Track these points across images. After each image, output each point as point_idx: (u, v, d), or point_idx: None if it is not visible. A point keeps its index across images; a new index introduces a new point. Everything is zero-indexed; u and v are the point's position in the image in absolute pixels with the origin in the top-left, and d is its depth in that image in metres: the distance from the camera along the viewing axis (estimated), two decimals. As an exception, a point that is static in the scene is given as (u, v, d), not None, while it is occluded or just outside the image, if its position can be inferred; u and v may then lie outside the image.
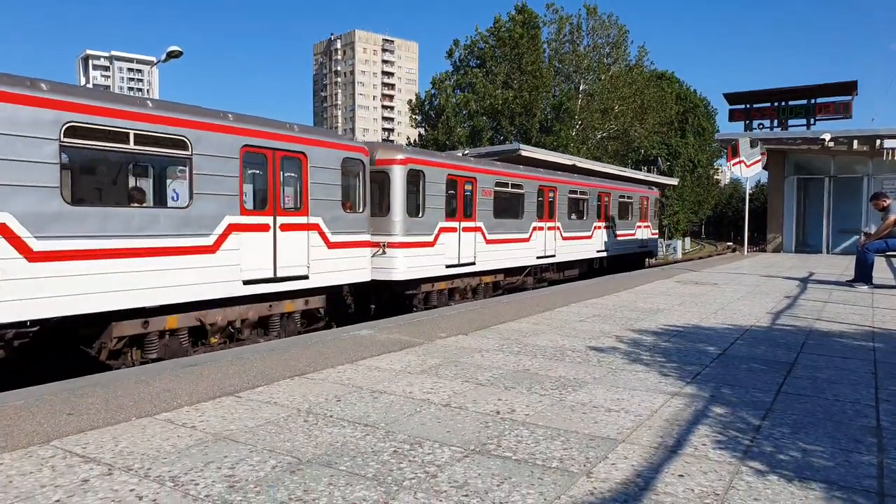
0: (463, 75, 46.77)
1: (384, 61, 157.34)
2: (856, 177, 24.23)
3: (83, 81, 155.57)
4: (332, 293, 10.67)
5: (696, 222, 76.17)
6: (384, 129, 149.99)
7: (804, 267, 16.62)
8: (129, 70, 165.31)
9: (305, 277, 9.53)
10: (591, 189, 19.86)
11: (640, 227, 23.70)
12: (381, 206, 11.87)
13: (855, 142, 22.73)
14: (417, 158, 12.24)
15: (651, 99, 48.38)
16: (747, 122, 32.67)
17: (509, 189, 15.27)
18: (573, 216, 18.75)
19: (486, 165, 14.79)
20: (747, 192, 26.49)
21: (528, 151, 25.24)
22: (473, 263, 13.65)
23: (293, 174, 9.60)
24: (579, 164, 28.06)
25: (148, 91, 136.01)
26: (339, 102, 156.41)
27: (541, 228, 16.54)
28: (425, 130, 47.13)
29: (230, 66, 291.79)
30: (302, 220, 9.55)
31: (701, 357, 5.35)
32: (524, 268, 15.96)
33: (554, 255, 17.31)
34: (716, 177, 78.83)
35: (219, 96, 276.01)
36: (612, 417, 3.69)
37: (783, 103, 32.27)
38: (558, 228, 17.45)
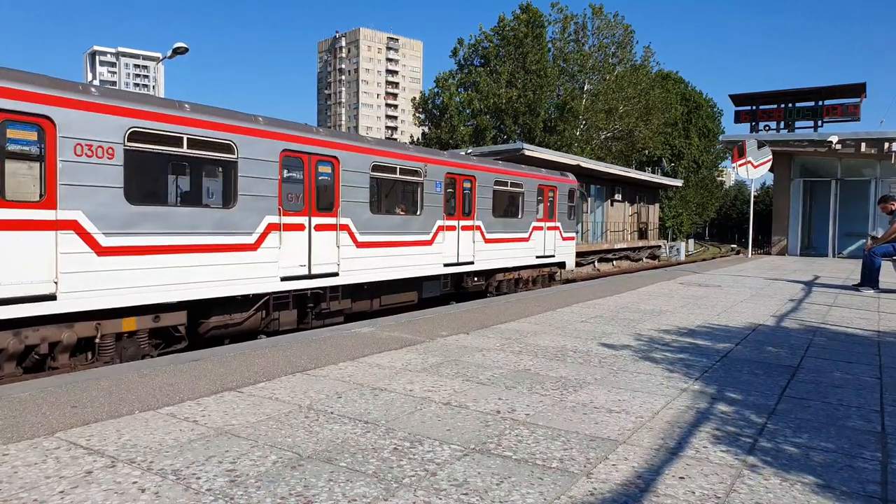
0: (467, 74, 46.79)
1: (389, 59, 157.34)
2: (863, 180, 24.17)
3: (90, 77, 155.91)
4: None
5: (699, 224, 75.99)
6: (388, 128, 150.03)
7: (809, 270, 16.57)
8: (136, 66, 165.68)
9: None
10: (433, 167, 12.32)
11: (539, 228, 16.18)
12: None
13: (863, 144, 22.68)
14: None
15: (656, 99, 48.27)
16: (753, 123, 32.51)
17: (214, 154, 8.22)
18: (398, 209, 12.00)
19: (142, 104, 7.36)
20: (752, 194, 26.47)
21: (531, 151, 25.23)
22: (53, 297, 6.44)
23: None
24: (583, 165, 28.10)
25: (153, 87, 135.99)
26: (343, 100, 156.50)
27: (298, 227, 9.37)
28: (429, 129, 47.16)
29: (235, 63, 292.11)
30: None
31: (703, 359, 5.34)
32: (259, 296, 8.91)
33: (337, 274, 10.06)
34: (720, 178, 78.61)
35: (224, 93, 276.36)
36: (612, 418, 3.68)
37: (790, 105, 32.08)
38: (347, 228, 10.24)
